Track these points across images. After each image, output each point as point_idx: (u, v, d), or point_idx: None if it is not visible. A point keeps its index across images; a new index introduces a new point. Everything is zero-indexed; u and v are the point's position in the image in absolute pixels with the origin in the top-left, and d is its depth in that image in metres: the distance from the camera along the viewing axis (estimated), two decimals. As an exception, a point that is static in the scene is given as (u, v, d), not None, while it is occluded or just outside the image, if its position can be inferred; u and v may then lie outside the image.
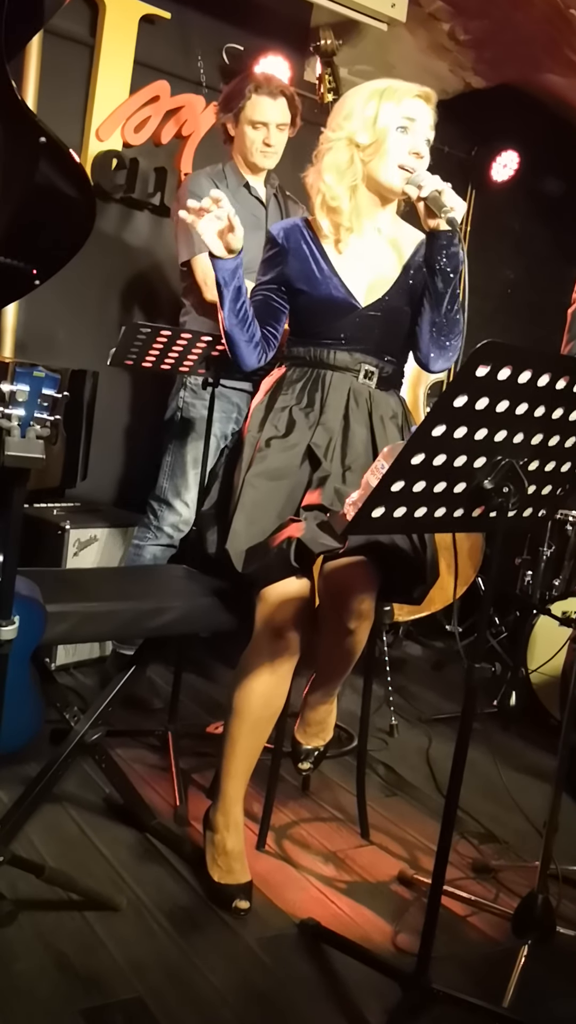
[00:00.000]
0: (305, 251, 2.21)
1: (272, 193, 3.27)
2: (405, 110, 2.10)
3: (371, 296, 2.21)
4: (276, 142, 3.11)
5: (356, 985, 1.90)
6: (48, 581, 2.15)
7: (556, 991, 2.00)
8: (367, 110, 2.11)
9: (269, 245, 2.26)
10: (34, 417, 1.59)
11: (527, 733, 3.41)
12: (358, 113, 2.13)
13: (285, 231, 2.24)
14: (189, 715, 3.06)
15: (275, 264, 2.24)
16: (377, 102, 2.11)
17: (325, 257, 2.21)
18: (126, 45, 3.62)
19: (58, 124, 2.11)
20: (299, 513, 2.12)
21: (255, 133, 3.08)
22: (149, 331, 2.54)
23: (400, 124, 2.10)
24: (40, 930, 1.91)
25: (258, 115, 3.05)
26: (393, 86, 2.12)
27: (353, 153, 2.14)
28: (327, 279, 2.20)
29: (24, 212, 2.07)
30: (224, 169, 3.18)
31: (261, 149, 3.10)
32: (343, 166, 2.15)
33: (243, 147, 3.13)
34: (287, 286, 2.24)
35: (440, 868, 1.74)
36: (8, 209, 2.06)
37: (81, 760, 2.41)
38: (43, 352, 3.61)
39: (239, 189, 3.16)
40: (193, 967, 1.89)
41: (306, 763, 2.44)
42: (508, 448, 1.61)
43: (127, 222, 3.82)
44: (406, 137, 2.11)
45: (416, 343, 2.22)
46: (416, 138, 2.11)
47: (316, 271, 2.20)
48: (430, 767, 3.06)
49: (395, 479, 1.54)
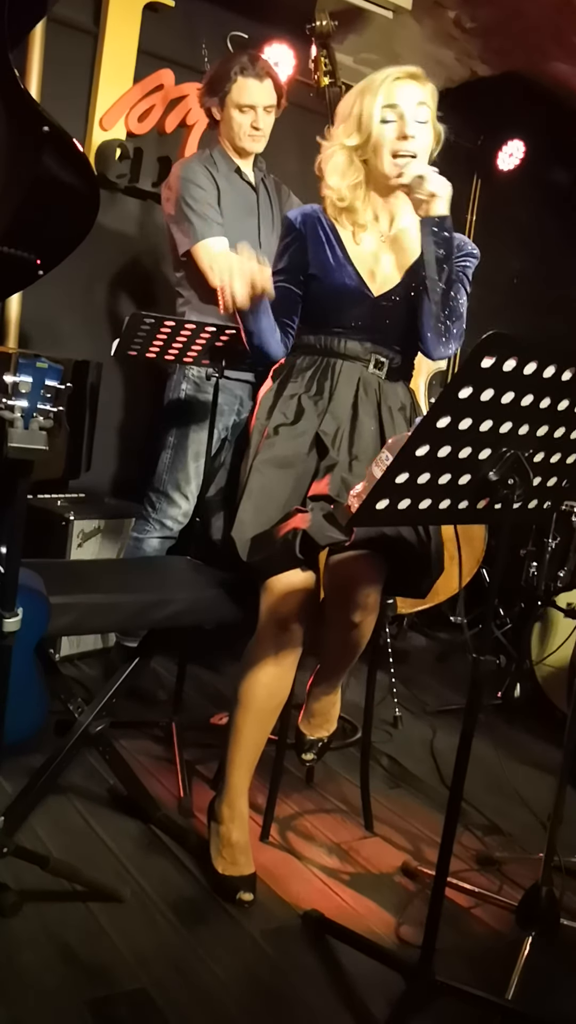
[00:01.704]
0: (321, 237, 2.22)
1: (260, 178, 3.23)
2: (385, 98, 2.10)
3: (384, 286, 2.22)
4: (263, 125, 3.06)
5: (360, 977, 1.90)
6: (52, 573, 2.15)
7: (560, 983, 2.01)
8: (352, 112, 2.14)
9: (286, 231, 2.27)
10: (37, 408, 1.59)
11: (532, 725, 3.41)
12: (345, 117, 2.16)
13: (303, 216, 2.25)
14: (193, 706, 3.06)
15: (293, 250, 2.25)
16: (360, 100, 2.13)
17: (341, 245, 2.22)
18: (130, 33, 3.59)
19: (61, 113, 2.10)
20: (305, 503, 2.12)
21: (243, 117, 3.03)
22: (153, 321, 2.53)
23: (382, 116, 2.10)
24: (45, 921, 1.92)
25: (245, 98, 3.00)
26: (373, 78, 2.12)
27: (350, 154, 2.16)
28: (341, 267, 2.20)
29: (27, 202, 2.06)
30: (213, 155, 3.12)
31: (249, 133, 3.05)
32: (343, 167, 2.18)
33: (230, 132, 3.07)
34: (303, 272, 2.24)
35: (444, 860, 1.73)
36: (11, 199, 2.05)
37: (86, 751, 2.41)
38: (47, 342, 3.60)
39: (230, 174, 3.12)
40: (197, 958, 1.89)
41: (310, 754, 2.44)
42: (513, 440, 1.60)
43: (131, 212, 3.80)
44: (392, 125, 2.11)
45: (418, 329, 2.21)
46: (402, 122, 2.10)
47: (331, 258, 2.20)
48: (434, 759, 3.06)
49: (400, 471, 1.53)
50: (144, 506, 3.25)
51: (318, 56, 3.48)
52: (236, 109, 3.03)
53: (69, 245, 2.14)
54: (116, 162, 3.59)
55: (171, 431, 3.21)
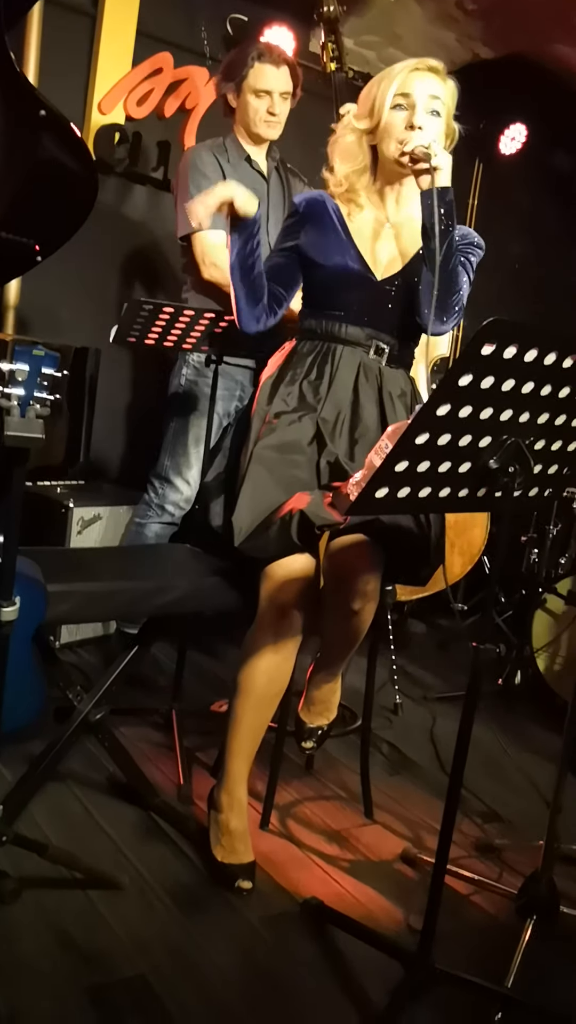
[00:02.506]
0: (326, 222, 2.23)
1: (273, 166, 3.23)
2: (400, 86, 2.11)
3: (387, 272, 2.22)
4: (280, 111, 3.07)
5: (359, 964, 1.90)
6: (50, 560, 2.14)
7: (559, 970, 2.01)
8: (367, 96, 2.16)
9: (290, 214, 2.29)
10: (34, 396, 1.58)
11: (532, 712, 3.41)
12: (361, 102, 2.18)
13: (308, 201, 2.25)
14: (193, 693, 3.06)
15: (293, 232, 2.26)
16: (376, 87, 2.15)
17: (346, 229, 2.22)
18: (129, 15, 3.56)
19: (60, 97, 2.08)
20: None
21: (259, 102, 3.04)
22: (152, 308, 2.52)
23: (395, 103, 2.11)
24: (44, 909, 1.92)
25: (262, 83, 3.01)
26: (391, 68, 2.14)
27: (359, 137, 2.18)
28: (345, 250, 2.20)
29: (24, 187, 2.05)
30: (225, 143, 3.13)
31: (265, 119, 3.06)
32: (350, 150, 2.20)
33: (246, 118, 3.08)
34: (302, 256, 2.24)
35: (444, 847, 1.73)
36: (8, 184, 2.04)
37: (85, 739, 2.41)
38: (45, 329, 3.58)
39: (240, 163, 3.12)
40: (196, 946, 1.89)
41: (310, 742, 2.44)
42: (514, 427, 1.59)
43: (130, 197, 3.78)
44: (403, 113, 2.11)
45: (415, 305, 2.20)
46: (413, 112, 2.10)
47: (335, 241, 2.21)
48: (434, 746, 3.06)
49: (399, 459, 1.52)
50: (146, 491, 3.26)
51: (326, 42, 3.46)
52: (252, 94, 3.03)
53: (68, 230, 2.13)
54: (115, 146, 3.57)
55: (172, 417, 3.22)
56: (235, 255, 2.16)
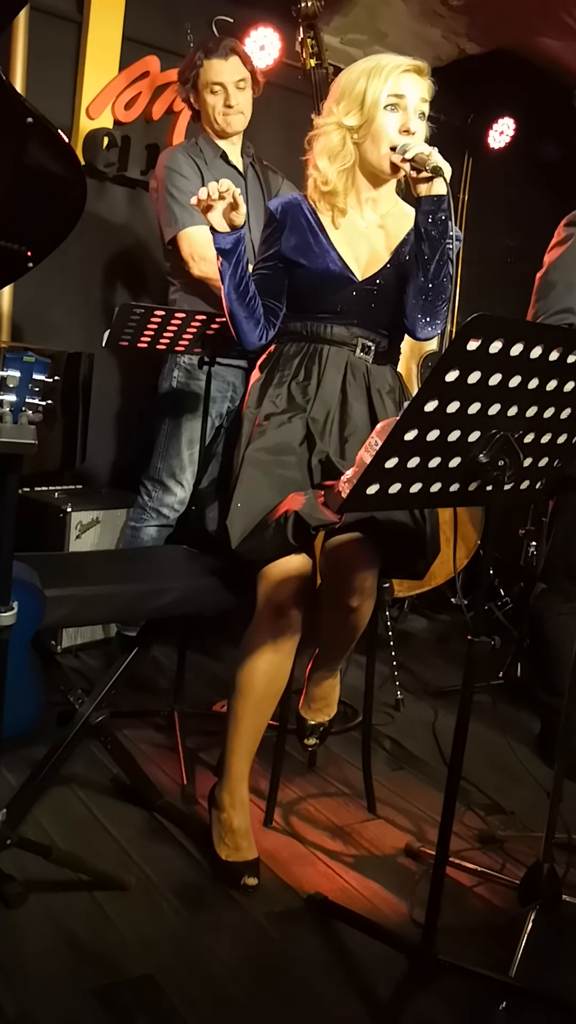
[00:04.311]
0: (303, 225, 2.21)
1: (249, 163, 3.23)
2: (393, 87, 2.07)
3: (368, 271, 2.21)
4: (237, 101, 3.07)
5: (364, 958, 1.91)
6: (46, 566, 2.15)
7: (563, 960, 2.02)
8: (355, 91, 2.10)
9: (267, 221, 2.26)
10: (25, 403, 1.59)
11: (534, 704, 3.41)
12: (347, 95, 2.12)
13: (283, 206, 2.23)
14: (195, 694, 3.07)
15: (273, 240, 2.23)
16: (365, 81, 2.09)
17: (324, 231, 2.21)
18: (114, 20, 3.57)
19: (47, 103, 2.10)
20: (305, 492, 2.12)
21: (214, 97, 3.06)
22: (143, 311, 2.53)
23: (388, 103, 2.08)
24: (50, 911, 1.93)
25: (213, 76, 3.03)
26: (381, 63, 2.09)
27: (345, 135, 2.13)
28: (324, 252, 2.19)
29: (13, 194, 2.06)
30: (198, 142, 3.15)
31: (223, 111, 3.07)
32: (336, 149, 2.15)
33: (207, 115, 3.11)
34: (284, 261, 2.22)
35: (444, 839, 1.74)
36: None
37: (88, 742, 2.42)
38: (39, 334, 3.60)
39: (215, 160, 3.13)
40: (202, 944, 1.90)
41: (312, 739, 2.45)
42: (502, 421, 1.60)
43: (120, 201, 3.79)
44: (396, 115, 2.09)
45: (403, 309, 2.20)
46: (406, 115, 2.09)
47: (314, 245, 2.19)
48: (436, 740, 3.07)
49: (389, 456, 1.53)
50: (140, 495, 3.26)
51: (304, 38, 3.47)
52: (208, 91, 3.06)
53: (58, 236, 2.13)
54: (104, 151, 3.58)
55: (164, 419, 3.23)
56: (228, 283, 2.12)
